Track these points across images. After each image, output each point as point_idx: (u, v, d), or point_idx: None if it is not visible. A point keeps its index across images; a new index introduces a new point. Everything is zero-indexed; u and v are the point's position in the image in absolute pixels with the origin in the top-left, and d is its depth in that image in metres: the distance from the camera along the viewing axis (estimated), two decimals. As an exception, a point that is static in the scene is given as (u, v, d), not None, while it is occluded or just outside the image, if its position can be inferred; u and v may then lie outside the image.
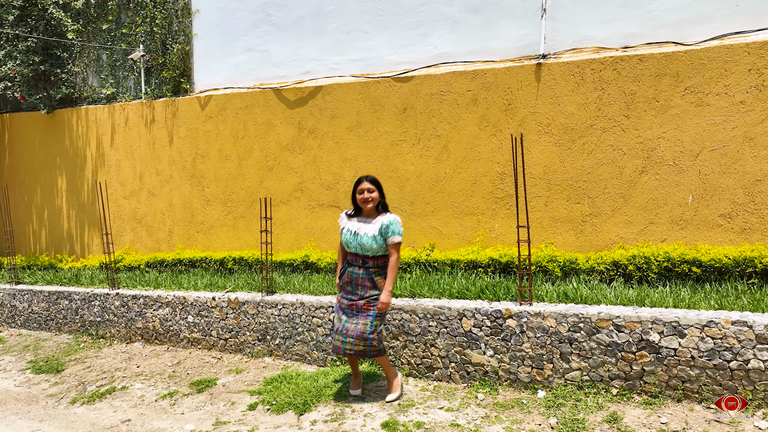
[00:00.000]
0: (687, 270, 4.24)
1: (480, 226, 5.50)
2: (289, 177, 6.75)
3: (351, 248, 3.89)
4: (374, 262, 3.84)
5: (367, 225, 3.84)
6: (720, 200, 4.44)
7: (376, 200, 3.85)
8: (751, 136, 4.30)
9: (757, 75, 4.24)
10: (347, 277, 3.92)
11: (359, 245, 3.82)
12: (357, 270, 3.87)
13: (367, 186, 3.83)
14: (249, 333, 5.50)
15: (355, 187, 3.90)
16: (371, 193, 3.82)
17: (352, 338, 3.81)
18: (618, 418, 3.42)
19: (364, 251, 3.83)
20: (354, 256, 3.90)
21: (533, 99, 5.13)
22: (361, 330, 3.80)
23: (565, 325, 3.87)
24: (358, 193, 3.86)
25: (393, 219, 3.82)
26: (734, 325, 3.36)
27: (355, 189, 3.89)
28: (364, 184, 3.84)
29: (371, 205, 3.84)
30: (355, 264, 3.89)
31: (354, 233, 3.86)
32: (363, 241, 3.80)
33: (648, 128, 4.66)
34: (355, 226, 3.88)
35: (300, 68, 6.73)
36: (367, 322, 3.82)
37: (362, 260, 3.86)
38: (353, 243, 3.85)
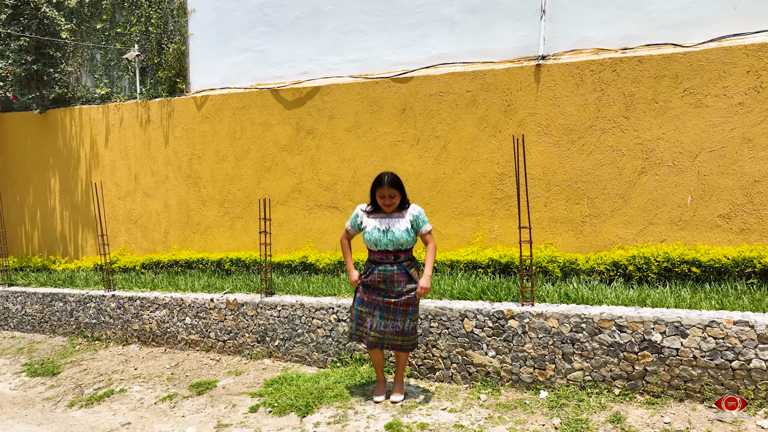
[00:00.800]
0: (687, 270, 4.27)
1: (479, 227, 5.51)
2: (287, 178, 6.73)
3: (381, 246, 3.74)
4: (406, 256, 3.79)
5: (397, 220, 3.74)
6: (719, 201, 4.48)
7: (397, 203, 3.74)
8: (749, 137, 4.34)
9: (756, 77, 4.27)
10: (379, 276, 3.77)
11: (393, 241, 3.70)
12: (390, 267, 3.75)
13: (388, 192, 3.67)
14: (248, 334, 5.47)
15: (375, 186, 3.72)
16: (393, 198, 3.70)
17: (390, 335, 3.80)
18: (621, 419, 3.43)
19: (398, 246, 3.72)
20: (384, 254, 3.76)
21: (533, 100, 5.14)
22: (401, 327, 3.78)
23: (568, 325, 3.88)
24: (379, 196, 3.72)
25: (420, 209, 3.82)
26: (736, 325, 3.39)
27: (375, 189, 3.73)
28: (384, 190, 3.67)
29: (393, 208, 3.75)
30: (386, 261, 3.76)
31: (384, 231, 3.72)
32: (398, 236, 3.69)
33: (647, 129, 4.69)
34: (383, 223, 3.75)
35: (298, 68, 6.70)
36: (407, 319, 3.80)
37: (394, 256, 3.75)
38: (383, 240, 3.72)
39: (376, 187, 3.70)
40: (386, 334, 3.81)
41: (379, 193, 3.70)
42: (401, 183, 3.72)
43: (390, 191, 3.67)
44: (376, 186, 3.70)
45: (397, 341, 3.83)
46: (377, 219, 3.79)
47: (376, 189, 3.71)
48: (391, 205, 3.71)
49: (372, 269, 3.83)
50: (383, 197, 3.69)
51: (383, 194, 3.68)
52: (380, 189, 3.68)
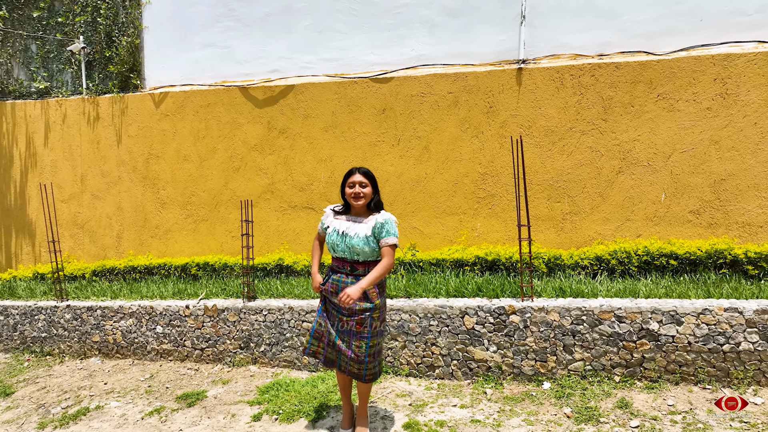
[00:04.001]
0: (665, 263, 4.59)
1: (462, 226, 5.62)
2: (258, 178, 6.53)
3: (338, 252, 3.26)
4: (365, 269, 3.22)
5: (359, 224, 3.23)
6: (689, 198, 4.85)
7: (368, 196, 3.23)
8: (716, 139, 4.73)
9: (722, 84, 4.67)
10: (332, 286, 3.29)
11: (348, 248, 3.21)
12: (344, 278, 3.24)
13: (359, 179, 3.21)
14: (230, 341, 5.26)
15: (345, 179, 3.27)
16: (363, 188, 3.21)
17: (347, 359, 3.29)
18: (628, 404, 3.64)
19: (354, 255, 3.21)
20: (341, 262, 3.27)
21: (515, 102, 5.32)
22: (356, 353, 3.25)
23: (569, 318, 4.06)
24: (348, 186, 3.24)
25: (388, 217, 3.22)
26: (726, 311, 3.69)
27: (345, 182, 3.27)
28: (355, 177, 3.22)
29: (363, 202, 3.22)
30: (342, 271, 3.27)
31: (342, 234, 3.23)
32: (353, 243, 3.18)
33: (624, 131, 4.99)
34: (344, 225, 3.26)
35: (267, 66, 6.53)
36: (361, 345, 3.23)
37: (351, 266, 3.24)
38: (341, 245, 3.23)
39: (347, 178, 3.26)
40: (342, 356, 3.31)
41: (349, 183, 3.24)
42: (374, 177, 3.30)
43: (361, 179, 3.21)
44: (347, 177, 3.27)
45: (354, 369, 3.30)
46: (341, 220, 3.31)
47: (346, 180, 3.27)
48: (360, 197, 3.21)
49: (328, 278, 3.36)
50: (353, 186, 3.22)
51: (353, 182, 3.22)
52: (351, 177, 3.24)
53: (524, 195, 4.26)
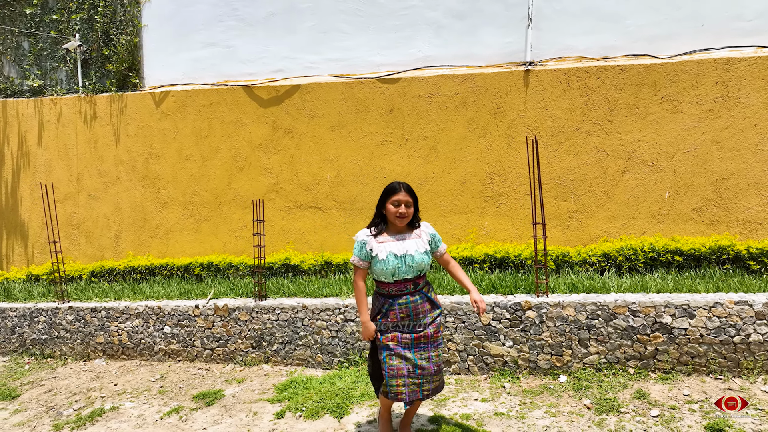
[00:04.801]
0: (670, 259, 4.75)
1: (470, 225, 5.72)
2: (263, 178, 6.53)
3: (399, 275, 3.07)
4: (424, 281, 3.18)
5: (411, 241, 3.11)
6: (692, 196, 5.03)
7: (410, 216, 3.11)
8: (718, 140, 4.92)
9: (723, 87, 4.86)
10: (402, 312, 3.11)
11: (412, 267, 3.06)
12: (411, 297, 3.12)
13: (404, 198, 3.05)
14: (241, 341, 5.27)
15: (387, 195, 3.09)
16: (408, 208, 3.07)
17: (430, 376, 3.15)
18: (645, 394, 3.77)
19: (418, 272, 3.10)
20: (402, 284, 3.10)
21: (522, 103, 5.44)
22: (437, 363, 3.17)
23: (584, 313, 4.18)
24: (392, 204, 3.06)
25: (433, 228, 3.28)
26: (737, 305, 3.86)
27: (386, 199, 3.08)
28: (400, 195, 3.05)
29: (406, 221, 3.11)
30: (406, 292, 3.12)
31: (401, 256, 3.05)
32: (418, 260, 3.06)
33: (629, 132, 5.15)
34: (396, 246, 3.08)
35: (271, 66, 6.53)
36: (439, 352, 3.19)
37: (413, 284, 3.12)
38: (402, 267, 3.05)
39: (390, 195, 3.07)
40: (426, 376, 3.14)
41: (393, 200, 3.06)
42: (414, 192, 3.15)
43: (406, 198, 3.06)
44: (390, 194, 3.07)
45: (436, 382, 3.21)
46: (390, 243, 3.10)
47: (388, 197, 3.07)
48: (405, 217, 3.08)
49: (389, 306, 3.13)
50: (398, 204, 3.05)
51: (399, 201, 3.05)
52: (395, 195, 3.06)
53: (539, 194, 4.37)
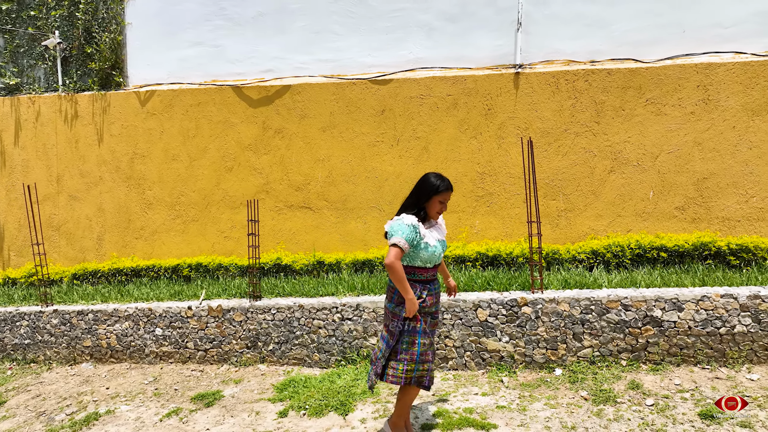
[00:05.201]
0: (656, 255, 4.95)
1: (461, 223, 5.83)
2: (252, 178, 6.51)
3: (436, 260, 3.20)
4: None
5: (440, 229, 3.31)
6: (675, 195, 5.24)
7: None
8: (699, 141, 5.15)
9: (704, 91, 5.09)
10: (435, 297, 3.24)
11: (438, 254, 3.20)
12: (436, 284, 3.27)
13: (449, 198, 3.20)
14: (236, 341, 5.25)
15: (435, 192, 3.11)
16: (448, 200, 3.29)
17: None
18: (639, 385, 3.93)
19: (438, 260, 3.26)
20: (435, 270, 3.26)
21: (512, 105, 5.58)
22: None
23: (578, 308, 4.33)
24: (440, 201, 3.16)
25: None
26: (722, 298, 4.06)
27: (436, 195, 3.13)
28: (448, 195, 3.17)
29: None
30: (435, 278, 3.27)
31: (440, 242, 3.23)
32: (439, 249, 3.21)
33: (615, 133, 5.34)
34: (435, 234, 3.21)
35: (261, 66, 6.52)
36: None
37: (434, 271, 3.27)
38: (439, 254, 3.20)
39: (441, 193, 3.13)
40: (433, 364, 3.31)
41: (441, 198, 3.14)
42: None
43: (449, 197, 3.23)
44: (442, 192, 3.13)
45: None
46: (430, 231, 3.20)
47: (439, 194, 3.13)
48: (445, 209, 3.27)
49: (428, 292, 3.20)
50: (443, 203, 3.18)
51: (445, 199, 3.17)
52: (445, 193, 3.14)
53: (534, 193, 4.50)
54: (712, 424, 3.36)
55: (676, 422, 3.43)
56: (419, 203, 3.15)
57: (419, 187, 3.16)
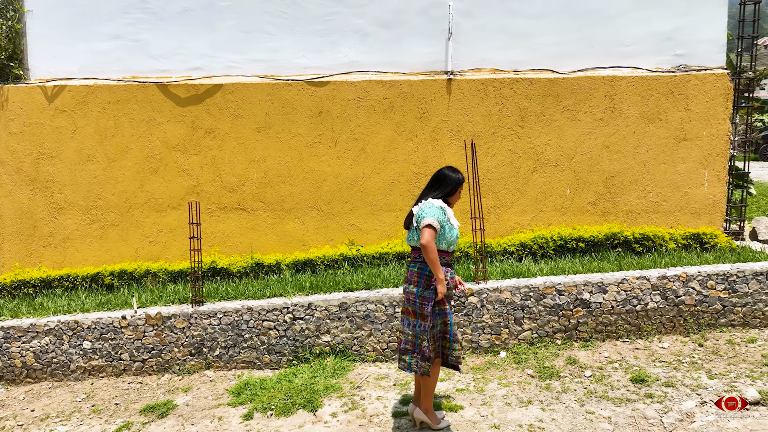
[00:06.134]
0: (575, 245, 5.56)
1: (398, 221, 6.08)
2: (181, 180, 6.27)
3: (456, 244, 3.55)
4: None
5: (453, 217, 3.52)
6: (588, 192, 5.91)
7: None
8: (607, 144, 5.86)
9: (610, 100, 5.80)
10: (453, 282, 3.51)
11: (456, 238, 3.49)
12: (452, 269, 3.56)
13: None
14: (178, 349, 5.06)
15: (458, 185, 3.49)
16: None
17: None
18: (575, 360, 4.43)
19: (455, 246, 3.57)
20: (452, 254, 3.55)
21: (445, 109, 5.94)
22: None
23: (519, 295, 4.76)
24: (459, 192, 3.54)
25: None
26: (638, 279, 4.69)
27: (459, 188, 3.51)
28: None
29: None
30: (452, 263, 3.58)
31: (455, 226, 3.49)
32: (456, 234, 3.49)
33: (537, 137, 5.89)
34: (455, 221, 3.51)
35: (188, 64, 6.30)
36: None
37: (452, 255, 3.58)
38: (457, 236, 3.50)
39: (462, 182, 3.51)
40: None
41: (461, 188, 3.53)
42: None
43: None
44: (463, 180, 3.52)
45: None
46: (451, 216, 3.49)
47: (460, 184, 3.50)
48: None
49: (449, 273, 3.47)
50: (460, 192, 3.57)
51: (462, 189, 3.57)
52: (462, 185, 3.55)
53: (477, 191, 4.86)
54: (643, 386, 3.91)
55: (613, 388, 3.94)
56: (446, 194, 3.45)
57: (442, 180, 3.47)
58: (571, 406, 3.75)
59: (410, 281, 3.44)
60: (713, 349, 4.42)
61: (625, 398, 3.78)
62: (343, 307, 4.89)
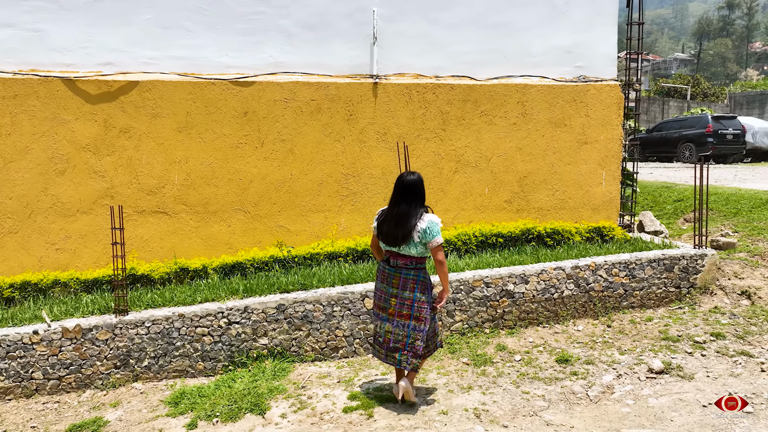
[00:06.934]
0: (495, 241, 5.98)
1: (327, 222, 6.15)
2: (92, 182, 5.85)
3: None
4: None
5: None
6: (504, 191, 6.37)
7: None
8: (520, 147, 6.35)
9: (522, 106, 6.30)
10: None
11: None
12: None
13: None
14: (101, 362, 4.76)
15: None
16: None
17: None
18: (504, 347, 4.79)
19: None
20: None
21: (372, 111, 6.10)
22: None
23: (451, 288, 5.04)
24: None
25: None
26: (555, 270, 5.17)
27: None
28: None
29: None
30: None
31: None
32: None
33: (458, 139, 6.25)
34: None
35: (98, 58, 5.90)
36: None
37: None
38: None
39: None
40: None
41: None
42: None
43: None
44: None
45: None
46: None
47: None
48: None
49: None
50: None
51: None
52: None
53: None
54: (567, 365, 4.34)
55: (542, 369, 4.33)
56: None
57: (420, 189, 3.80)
58: (508, 388, 4.08)
59: (405, 287, 3.73)
60: (619, 328, 4.99)
61: (553, 377, 4.18)
62: (281, 309, 4.88)
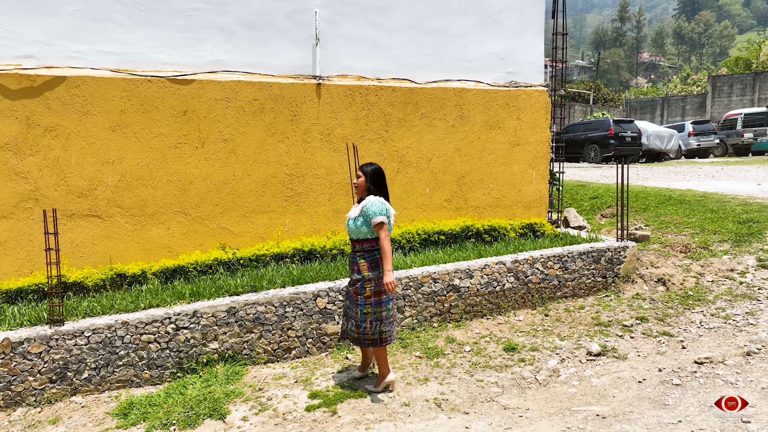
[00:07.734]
0: (437, 238, 6.21)
1: (272, 223, 6.10)
2: (13, 184, 5.43)
3: (348, 233, 4.16)
4: (360, 246, 4.04)
5: (354, 209, 4.10)
6: (443, 190, 6.62)
7: (361, 186, 4.09)
8: (458, 148, 6.63)
9: (459, 109, 6.57)
10: (350, 264, 4.19)
11: (348, 229, 4.10)
12: (351, 255, 4.16)
13: (356, 174, 4.17)
14: (33, 378, 4.46)
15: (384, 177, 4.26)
16: (358, 179, 4.12)
17: (351, 324, 4.13)
18: (453, 339, 5.01)
19: (351, 234, 4.09)
20: (351, 242, 4.14)
21: (315, 112, 6.12)
22: (356, 318, 4.07)
23: (400, 285, 5.19)
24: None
25: (372, 200, 3.99)
26: (497, 264, 5.46)
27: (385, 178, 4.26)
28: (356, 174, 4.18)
29: (358, 193, 4.16)
30: (352, 249, 4.14)
31: (347, 218, 4.13)
32: (349, 224, 4.07)
33: (400, 140, 6.41)
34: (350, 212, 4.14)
35: (16, 50, 5.47)
36: (357, 312, 4.05)
37: (353, 244, 4.10)
38: (347, 227, 4.12)
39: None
40: (349, 322, 4.18)
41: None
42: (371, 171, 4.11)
43: (357, 173, 4.16)
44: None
45: (354, 334, 4.11)
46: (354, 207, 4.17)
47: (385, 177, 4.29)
48: (356, 187, 4.17)
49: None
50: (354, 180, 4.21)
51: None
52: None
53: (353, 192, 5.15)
54: (514, 353, 4.62)
55: (491, 358, 4.58)
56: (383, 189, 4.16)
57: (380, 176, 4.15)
58: (462, 377, 4.28)
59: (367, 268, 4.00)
60: (556, 317, 5.37)
61: (503, 365, 4.44)
62: (232, 312, 4.80)
